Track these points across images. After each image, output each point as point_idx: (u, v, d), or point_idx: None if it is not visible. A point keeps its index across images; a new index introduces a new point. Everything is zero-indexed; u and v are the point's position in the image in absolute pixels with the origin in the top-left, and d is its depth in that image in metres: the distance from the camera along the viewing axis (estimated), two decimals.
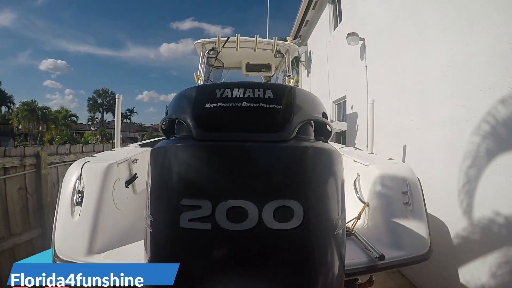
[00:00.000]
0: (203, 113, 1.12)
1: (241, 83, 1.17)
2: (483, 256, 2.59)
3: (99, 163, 2.01)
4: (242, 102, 1.08)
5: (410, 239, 1.84)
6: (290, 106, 1.12)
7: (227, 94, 1.10)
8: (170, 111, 1.26)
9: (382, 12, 4.60)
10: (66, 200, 1.81)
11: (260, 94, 1.10)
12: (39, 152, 3.75)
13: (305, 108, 1.20)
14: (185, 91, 1.27)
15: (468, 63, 2.80)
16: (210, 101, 1.10)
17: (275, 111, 1.09)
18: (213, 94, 1.12)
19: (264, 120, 1.10)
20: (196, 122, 1.09)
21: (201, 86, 1.25)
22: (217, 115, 1.10)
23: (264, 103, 1.09)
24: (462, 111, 2.85)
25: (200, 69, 4.18)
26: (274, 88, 1.15)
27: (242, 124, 1.09)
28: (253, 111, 1.09)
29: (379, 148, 3.90)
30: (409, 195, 1.94)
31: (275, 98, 1.11)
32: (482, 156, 2.65)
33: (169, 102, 1.33)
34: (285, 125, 1.08)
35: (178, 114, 1.19)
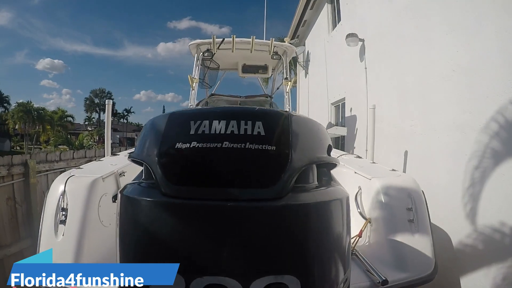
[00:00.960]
0: (173, 158, 0.91)
1: (223, 111, 0.97)
2: (487, 267, 2.51)
3: (84, 177, 1.89)
4: (223, 142, 0.86)
5: (415, 260, 1.75)
6: (287, 145, 0.89)
7: (204, 129, 0.89)
8: (137, 146, 1.05)
9: (383, 12, 4.47)
10: (49, 219, 1.71)
11: (248, 129, 0.88)
12: (27, 161, 3.63)
13: (307, 146, 0.98)
14: (154, 122, 1.05)
15: (474, 67, 2.69)
16: (182, 139, 0.89)
17: (267, 156, 0.87)
18: (186, 128, 0.90)
19: (252, 170, 0.88)
20: (164, 171, 0.88)
21: (174, 115, 1.00)
22: (190, 162, 0.89)
23: (252, 142, 0.87)
24: (468, 117, 2.74)
25: (195, 71, 4.04)
26: (266, 118, 0.93)
27: (222, 175, 0.87)
28: (237, 155, 0.87)
29: (379, 153, 3.79)
30: (414, 211, 1.84)
31: (267, 134, 0.89)
32: (487, 165, 2.56)
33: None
34: (279, 175, 0.86)
35: (143, 156, 0.99)
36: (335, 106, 6.93)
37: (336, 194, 0.95)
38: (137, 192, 0.94)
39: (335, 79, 6.61)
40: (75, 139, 20.14)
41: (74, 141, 19.35)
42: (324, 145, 1.03)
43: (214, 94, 5.36)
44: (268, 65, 4.87)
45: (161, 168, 0.89)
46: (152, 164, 0.92)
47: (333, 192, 0.97)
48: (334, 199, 0.93)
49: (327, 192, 0.96)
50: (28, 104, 33.71)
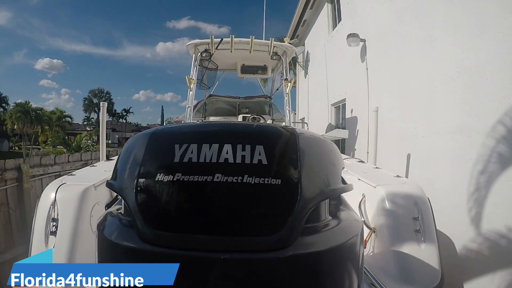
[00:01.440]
0: (152, 195, 0.75)
1: (216, 131, 0.80)
2: (492, 273, 2.46)
3: (75, 185, 1.82)
4: (214, 175, 0.69)
5: (421, 271, 1.70)
6: (296, 177, 0.72)
7: (191, 156, 0.72)
8: (114, 172, 0.89)
9: (385, 12, 4.39)
10: (40, 229, 1.65)
11: (246, 156, 0.71)
12: (20, 165, 3.53)
13: (320, 176, 0.80)
14: (133, 142, 0.89)
15: (479, 69, 2.61)
16: (163, 169, 0.73)
17: (270, 193, 0.70)
18: (169, 154, 0.74)
19: (252, 212, 0.71)
20: (142, 211, 0.73)
21: (155, 135, 0.83)
22: (173, 200, 0.73)
23: (252, 174, 0.70)
24: (473, 120, 2.67)
25: (193, 72, 3.94)
26: (268, 141, 0.76)
27: (214, 218, 0.70)
28: (233, 193, 0.70)
29: (380, 156, 3.71)
30: (420, 221, 1.78)
31: (270, 163, 0.72)
32: (493, 170, 2.49)
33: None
34: (286, 218, 0.69)
35: (119, 187, 0.83)
36: (335, 107, 6.85)
37: (352, 230, 0.81)
38: (114, 232, 0.81)
39: (335, 80, 6.53)
40: (74, 140, 20.04)
41: (72, 141, 19.25)
42: (339, 171, 0.87)
43: (212, 95, 5.28)
44: (268, 65, 4.78)
45: (138, 207, 0.74)
46: (128, 200, 0.77)
47: (349, 228, 0.82)
48: (351, 238, 0.78)
49: (342, 230, 0.80)
50: (26, 104, 33.53)
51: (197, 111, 4.92)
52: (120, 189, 0.83)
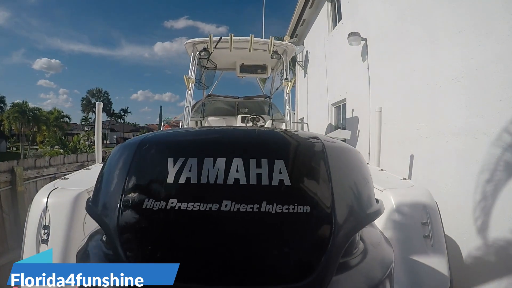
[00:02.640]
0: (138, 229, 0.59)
1: (222, 140, 0.63)
2: (498, 277, 2.39)
3: (68, 191, 1.73)
4: (221, 202, 0.53)
5: (430, 278, 1.62)
6: (328, 202, 0.56)
7: (189, 175, 0.55)
8: (94, 191, 0.75)
9: (386, 10, 4.32)
10: (31, 237, 1.57)
11: (262, 174, 0.55)
12: (14, 168, 3.42)
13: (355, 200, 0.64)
14: (116, 154, 0.72)
15: (484, 69, 2.55)
16: (153, 193, 0.57)
17: (297, 225, 0.54)
18: (161, 171, 0.57)
19: (273, 254, 0.54)
20: (125, 250, 0.58)
21: (143, 144, 0.65)
22: (166, 238, 0.57)
23: (271, 201, 0.53)
24: (479, 121, 2.60)
25: (191, 71, 3.86)
26: (289, 152, 0.60)
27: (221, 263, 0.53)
28: (247, 226, 0.54)
29: (382, 157, 3.64)
30: (429, 226, 1.71)
31: (294, 184, 0.55)
32: (500, 172, 2.42)
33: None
34: (318, 259, 0.53)
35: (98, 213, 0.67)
36: (335, 107, 6.78)
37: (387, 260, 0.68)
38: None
39: (335, 79, 6.46)
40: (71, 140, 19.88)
41: (69, 142, 19.10)
42: (372, 188, 0.72)
43: (211, 95, 5.20)
44: (267, 64, 4.71)
45: (121, 246, 0.58)
46: (110, 233, 0.61)
47: (384, 258, 0.70)
48: (388, 270, 0.65)
49: (378, 262, 0.67)
50: (23, 104, 33.30)
51: (196, 111, 4.84)
52: (99, 217, 0.66)
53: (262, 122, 4.73)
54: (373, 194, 0.72)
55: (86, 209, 0.76)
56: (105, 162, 0.77)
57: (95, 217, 0.69)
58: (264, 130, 0.71)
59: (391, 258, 0.70)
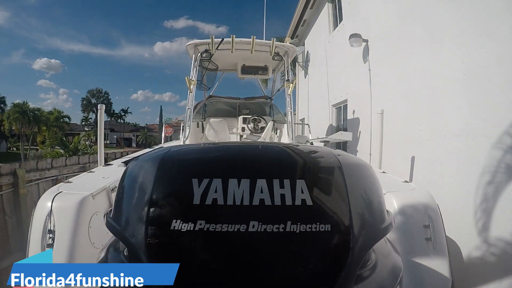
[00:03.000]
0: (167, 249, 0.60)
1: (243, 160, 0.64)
2: (499, 279, 2.40)
3: (72, 195, 1.73)
4: (248, 223, 0.55)
5: (432, 281, 1.64)
6: (347, 220, 0.60)
7: (215, 197, 0.56)
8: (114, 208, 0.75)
9: (388, 12, 4.32)
10: (36, 242, 1.56)
11: (286, 195, 0.57)
12: (16, 170, 3.42)
13: (370, 216, 0.68)
14: (137, 171, 0.72)
15: (486, 71, 2.55)
16: (180, 214, 0.58)
17: (320, 241, 0.57)
18: (186, 192, 0.58)
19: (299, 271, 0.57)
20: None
21: (166, 161, 0.66)
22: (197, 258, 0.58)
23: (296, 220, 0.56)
24: (480, 124, 2.60)
25: (193, 73, 3.87)
26: (310, 171, 0.63)
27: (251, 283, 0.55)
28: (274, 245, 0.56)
29: (383, 158, 3.65)
30: (431, 229, 1.71)
31: (316, 203, 0.58)
32: (500, 173, 2.42)
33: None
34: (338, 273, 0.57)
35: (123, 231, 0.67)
36: (336, 108, 6.78)
37: (397, 269, 0.71)
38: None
39: (336, 80, 6.46)
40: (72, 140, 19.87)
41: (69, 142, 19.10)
42: (384, 203, 0.76)
43: (212, 96, 5.21)
44: (268, 66, 4.72)
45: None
46: (135, 251, 0.62)
47: (394, 267, 0.73)
48: (399, 279, 0.69)
49: (389, 272, 0.71)
50: (23, 104, 33.33)
51: (197, 112, 4.85)
52: (122, 234, 0.67)
53: (263, 123, 4.73)
54: (385, 208, 0.75)
55: (106, 224, 0.75)
56: (123, 176, 0.76)
57: (117, 234, 0.70)
58: (283, 149, 0.72)
59: (401, 267, 0.74)
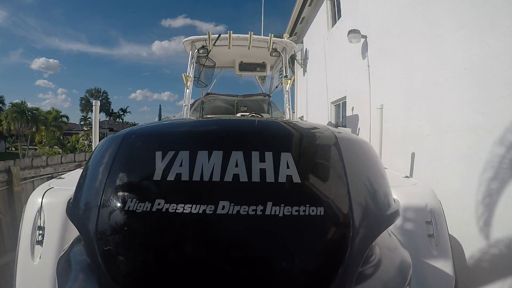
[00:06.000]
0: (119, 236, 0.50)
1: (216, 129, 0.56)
2: (502, 279, 2.35)
3: (63, 190, 1.69)
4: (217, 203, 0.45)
5: (435, 278, 1.61)
6: (345, 203, 0.48)
7: (179, 171, 0.47)
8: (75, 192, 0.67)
9: (387, 7, 4.27)
10: (26, 238, 1.54)
11: (267, 169, 0.47)
12: (10, 167, 3.38)
13: (373, 200, 0.58)
14: (100, 149, 0.64)
15: (488, 66, 2.50)
16: (137, 193, 0.49)
17: (310, 228, 0.46)
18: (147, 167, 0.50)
19: (281, 266, 0.46)
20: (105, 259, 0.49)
21: (129, 137, 0.58)
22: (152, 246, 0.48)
23: (278, 201, 0.46)
24: (481, 118, 2.56)
25: (190, 69, 3.82)
26: (298, 144, 0.51)
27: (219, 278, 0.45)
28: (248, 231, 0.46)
29: (384, 155, 3.61)
30: (434, 225, 1.68)
31: (304, 180, 0.47)
32: (503, 169, 2.38)
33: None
34: (336, 269, 0.46)
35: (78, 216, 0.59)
36: (335, 105, 6.75)
37: (406, 267, 0.62)
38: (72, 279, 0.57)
39: (335, 78, 6.42)
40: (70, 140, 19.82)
41: (68, 142, 19.05)
42: (389, 185, 0.65)
43: (210, 93, 5.16)
44: (266, 62, 4.68)
45: (100, 254, 0.50)
46: (88, 239, 0.53)
47: (402, 264, 0.63)
48: (407, 280, 0.59)
49: (397, 271, 0.61)
50: (22, 104, 33.23)
51: (194, 109, 4.80)
52: (78, 221, 0.58)
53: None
54: (390, 192, 0.65)
55: (66, 211, 0.66)
56: (89, 157, 0.68)
57: (74, 221, 0.60)
58: (266, 120, 0.62)
59: (409, 263, 0.63)
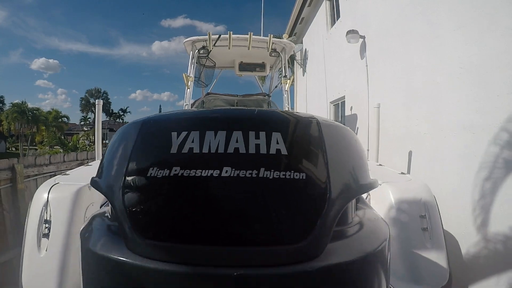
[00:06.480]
0: (143, 195, 0.62)
1: (222, 116, 0.67)
2: (497, 275, 2.39)
3: (68, 185, 1.75)
4: (222, 168, 0.57)
5: (429, 270, 1.66)
6: (323, 171, 0.60)
7: (191, 146, 0.60)
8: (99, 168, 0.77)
9: (386, 8, 4.32)
10: (32, 231, 1.59)
11: (261, 144, 0.59)
12: (14, 165, 3.43)
13: (349, 170, 0.69)
14: (121, 133, 0.76)
15: (485, 65, 2.54)
16: (157, 162, 0.61)
17: (294, 190, 0.57)
18: (165, 144, 0.61)
19: (271, 215, 0.57)
20: (130, 216, 0.60)
21: (148, 124, 0.70)
22: (170, 201, 0.59)
23: (269, 167, 0.57)
24: (478, 117, 2.60)
25: (190, 69, 3.88)
26: (286, 126, 0.64)
27: (222, 224, 0.57)
28: (246, 190, 0.57)
29: (381, 154, 3.66)
30: (428, 219, 1.73)
31: (291, 153, 0.60)
32: (499, 167, 2.43)
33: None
34: (314, 222, 0.57)
35: (104, 186, 0.70)
36: (334, 105, 6.80)
37: (382, 233, 0.71)
38: (99, 241, 0.68)
39: (334, 78, 6.47)
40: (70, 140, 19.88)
41: (68, 142, 19.11)
42: (365, 163, 0.77)
43: (210, 93, 5.21)
44: (266, 62, 4.73)
45: (126, 211, 0.60)
46: (115, 201, 0.63)
47: (380, 230, 0.73)
48: (383, 242, 0.68)
49: (373, 234, 0.70)
50: (22, 104, 33.28)
51: (195, 109, 4.85)
52: (105, 188, 0.69)
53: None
54: (367, 169, 0.76)
55: (91, 183, 0.78)
56: (111, 141, 0.80)
57: (101, 189, 0.72)
58: (262, 109, 0.74)
59: (387, 233, 0.73)
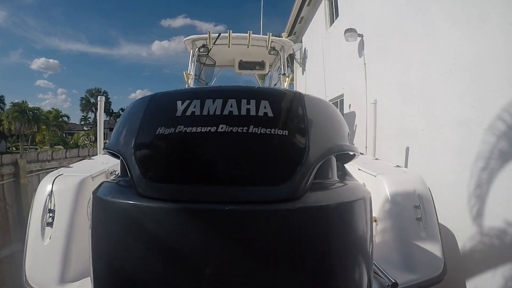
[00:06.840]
0: (152, 147, 0.73)
1: (219, 90, 0.78)
2: (494, 267, 2.44)
3: (72, 176, 1.80)
4: (218, 125, 0.68)
5: (424, 260, 1.70)
6: (303, 130, 0.71)
7: (193, 110, 0.70)
8: (113, 135, 0.87)
9: (383, 6, 4.37)
10: (36, 220, 1.64)
11: (251, 109, 0.70)
12: (17, 160, 3.48)
13: (326, 132, 0.80)
14: (134, 105, 0.87)
15: (478, 61, 2.60)
16: (165, 123, 0.71)
17: (278, 143, 0.68)
18: (171, 110, 0.72)
19: (258, 161, 0.69)
20: (140, 164, 0.70)
21: (156, 96, 0.82)
22: (175, 151, 0.71)
23: (257, 125, 0.68)
24: (472, 112, 2.66)
25: (190, 68, 3.93)
26: (273, 97, 0.75)
27: (217, 168, 0.68)
28: (237, 142, 0.68)
29: (379, 150, 3.71)
30: (422, 209, 1.78)
31: (276, 116, 0.71)
32: (494, 161, 2.48)
33: None
34: (295, 169, 0.67)
35: (118, 146, 0.81)
36: (333, 102, 6.84)
37: (360, 193, 0.79)
38: (109, 192, 0.77)
39: (333, 76, 6.53)
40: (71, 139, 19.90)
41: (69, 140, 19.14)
42: (345, 131, 0.88)
43: None
44: (265, 61, 4.78)
45: (136, 161, 0.71)
46: (127, 156, 0.74)
47: (357, 190, 0.81)
48: (359, 199, 0.76)
49: (350, 190, 0.80)
50: (23, 104, 33.35)
51: None
52: (120, 147, 0.80)
53: None
54: (345, 134, 0.87)
55: (105, 147, 0.89)
56: (122, 114, 0.92)
57: (113, 148, 0.83)
58: (254, 86, 0.87)
59: (367, 196, 0.81)
